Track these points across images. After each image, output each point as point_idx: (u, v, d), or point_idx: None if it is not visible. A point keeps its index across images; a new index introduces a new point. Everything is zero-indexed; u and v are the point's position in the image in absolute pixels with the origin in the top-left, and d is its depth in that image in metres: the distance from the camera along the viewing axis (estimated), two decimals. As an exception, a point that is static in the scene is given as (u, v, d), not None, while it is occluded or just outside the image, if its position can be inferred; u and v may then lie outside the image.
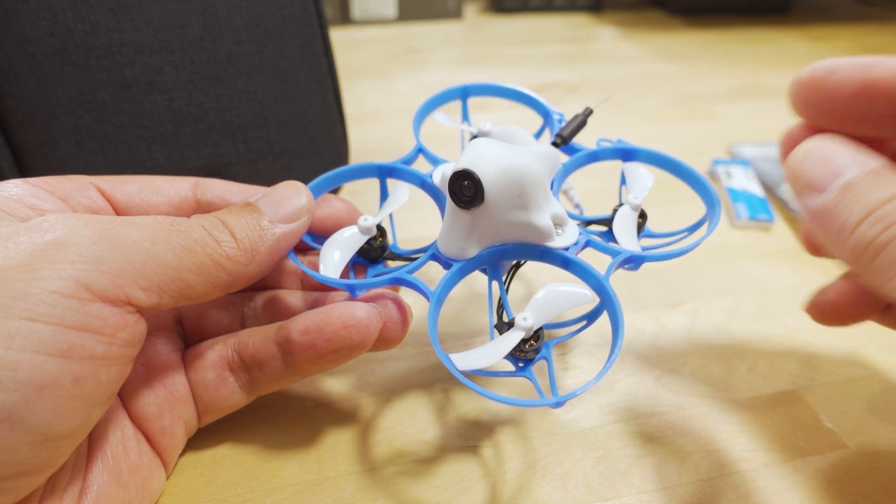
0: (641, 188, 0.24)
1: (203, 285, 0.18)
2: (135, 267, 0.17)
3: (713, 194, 0.23)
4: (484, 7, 0.88)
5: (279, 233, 0.20)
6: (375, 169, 0.25)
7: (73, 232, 0.16)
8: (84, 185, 0.21)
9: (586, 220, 0.24)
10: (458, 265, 0.21)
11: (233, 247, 0.19)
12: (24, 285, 0.15)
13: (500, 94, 0.28)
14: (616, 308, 0.19)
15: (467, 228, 0.20)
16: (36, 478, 0.16)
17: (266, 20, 0.31)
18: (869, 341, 0.29)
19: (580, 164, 0.24)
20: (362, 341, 0.20)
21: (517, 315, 0.19)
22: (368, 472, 0.23)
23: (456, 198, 0.20)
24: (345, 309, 0.20)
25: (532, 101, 0.27)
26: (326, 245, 0.22)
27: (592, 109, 0.25)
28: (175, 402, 0.21)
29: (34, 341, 0.15)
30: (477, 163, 0.19)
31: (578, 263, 0.21)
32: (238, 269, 0.19)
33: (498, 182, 0.19)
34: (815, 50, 0.70)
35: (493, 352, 0.19)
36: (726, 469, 0.23)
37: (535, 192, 0.20)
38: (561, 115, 0.27)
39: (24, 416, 0.15)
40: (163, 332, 0.22)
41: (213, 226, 0.19)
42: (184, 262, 0.18)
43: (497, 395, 0.18)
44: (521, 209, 0.20)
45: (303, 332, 0.20)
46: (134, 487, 0.19)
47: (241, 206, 0.20)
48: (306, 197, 0.22)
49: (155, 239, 0.17)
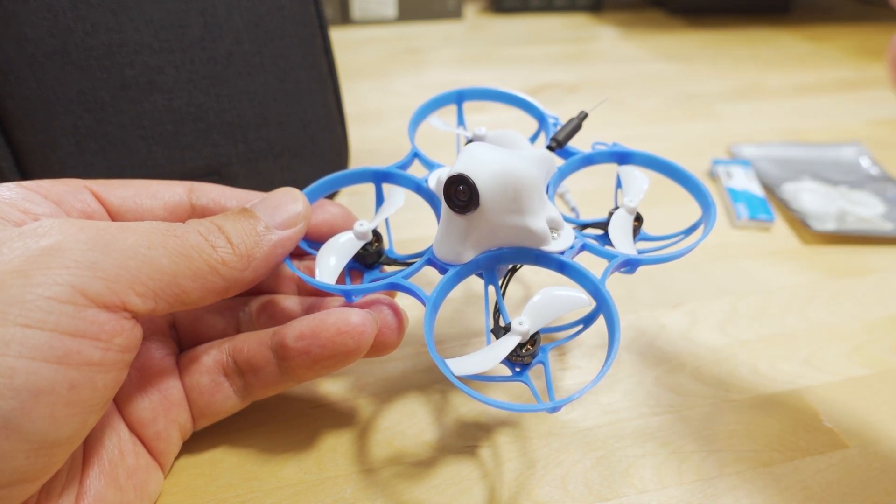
0: (637, 191, 0.24)
1: (199, 291, 0.18)
2: (130, 272, 0.17)
3: (709, 197, 0.23)
4: (484, 7, 0.88)
5: (275, 239, 0.20)
6: (371, 174, 0.25)
7: (68, 237, 0.16)
8: (78, 188, 0.21)
9: (582, 224, 0.24)
10: (453, 270, 0.21)
11: (229, 252, 0.19)
12: (19, 291, 0.15)
13: (495, 99, 0.28)
14: (612, 312, 0.19)
15: (463, 233, 0.20)
16: (31, 485, 0.16)
17: (266, 20, 0.31)
18: (869, 341, 0.29)
19: (575, 167, 0.24)
20: (357, 348, 0.20)
21: (513, 320, 0.19)
22: (368, 473, 0.23)
23: (451, 202, 0.20)
24: (340, 315, 0.20)
25: (527, 105, 0.27)
26: (322, 251, 0.22)
27: (587, 113, 0.25)
28: (170, 406, 0.21)
29: (30, 348, 0.15)
30: (472, 167, 0.19)
31: (574, 267, 0.21)
32: (234, 275, 0.19)
33: (493, 186, 0.19)
34: (815, 50, 0.70)
35: (490, 357, 0.19)
36: (726, 469, 0.23)
37: (531, 196, 0.20)
38: (556, 119, 0.27)
39: (20, 423, 0.15)
40: (157, 337, 0.22)
41: (209, 231, 0.19)
42: (180, 267, 0.18)
43: (493, 400, 0.18)
44: (517, 213, 0.20)
45: (298, 338, 0.20)
46: (132, 490, 0.19)
47: (238, 212, 0.20)
48: (303, 203, 0.21)
49: (151, 244, 0.17)
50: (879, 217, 0.38)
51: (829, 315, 0.31)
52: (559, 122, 0.26)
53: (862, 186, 0.41)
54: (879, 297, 0.32)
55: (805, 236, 0.37)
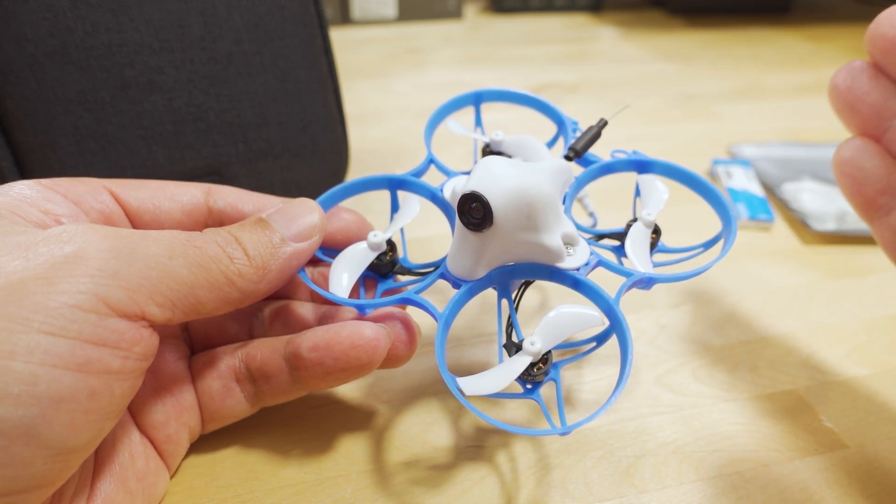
0: (657, 202, 0.24)
1: (214, 302, 0.18)
2: (151, 283, 0.17)
3: (730, 211, 0.22)
4: (484, 7, 0.88)
5: (290, 251, 0.20)
6: (386, 181, 0.25)
7: (91, 245, 0.16)
8: (97, 188, 0.21)
9: (599, 234, 0.24)
10: (466, 286, 0.21)
11: (245, 264, 0.19)
12: (43, 298, 0.15)
13: (514, 101, 0.28)
14: (625, 332, 0.19)
15: (477, 249, 0.20)
16: (46, 490, 0.16)
17: (266, 20, 0.31)
18: (869, 341, 0.29)
19: (594, 176, 0.24)
20: (370, 361, 0.20)
21: (525, 339, 0.19)
22: (368, 473, 0.23)
23: (465, 219, 0.19)
24: (354, 328, 0.20)
25: (547, 108, 0.27)
26: (336, 262, 0.22)
27: (607, 121, 0.25)
28: (181, 410, 0.21)
29: (53, 355, 0.15)
30: (486, 185, 0.19)
31: (588, 285, 0.20)
32: (249, 287, 0.19)
33: (507, 205, 0.19)
34: (815, 50, 0.70)
35: (501, 377, 0.19)
36: (726, 469, 0.23)
37: (546, 213, 0.19)
38: (575, 124, 0.26)
39: (40, 430, 0.15)
40: (170, 340, 0.22)
41: (227, 242, 0.19)
42: (198, 278, 0.18)
43: (504, 423, 0.18)
44: (532, 231, 0.19)
45: (312, 349, 0.20)
46: (140, 493, 0.20)
47: (254, 223, 0.20)
48: (318, 215, 0.21)
49: (172, 254, 0.17)
50: (879, 217, 0.38)
51: (829, 315, 0.31)
52: (578, 128, 0.26)
53: (862, 186, 0.41)
54: (879, 297, 0.32)
55: (805, 236, 0.37)
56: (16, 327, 0.14)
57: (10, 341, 0.14)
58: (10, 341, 0.14)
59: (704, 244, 0.24)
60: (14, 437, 0.14)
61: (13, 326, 0.14)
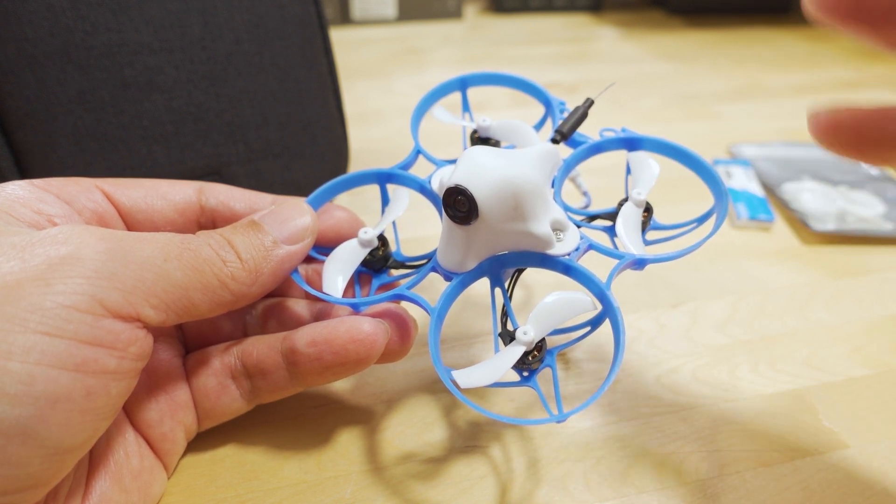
0: (648, 179, 0.23)
1: (207, 304, 0.19)
2: (146, 284, 0.17)
3: (721, 184, 0.22)
4: (484, 7, 0.88)
5: (283, 254, 0.20)
6: (374, 176, 0.24)
7: (87, 246, 0.16)
8: (89, 188, 0.21)
9: (590, 215, 0.24)
10: (458, 278, 0.21)
11: (238, 267, 0.19)
12: (39, 299, 0.15)
13: (500, 83, 0.27)
14: (617, 317, 0.19)
15: (465, 242, 0.20)
16: (41, 490, 0.16)
17: (266, 20, 0.31)
18: (869, 341, 0.29)
19: (583, 157, 0.24)
20: (368, 356, 0.20)
21: (518, 329, 0.19)
22: (368, 473, 0.23)
23: (451, 213, 0.19)
24: (352, 323, 0.20)
25: (533, 89, 0.27)
26: (329, 261, 0.22)
27: (593, 100, 0.24)
28: (176, 408, 0.21)
29: (49, 355, 0.15)
30: (470, 177, 0.19)
31: (580, 270, 0.20)
32: (241, 290, 0.19)
33: (493, 196, 0.19)
34: (815, 50, 0.70)
35: (496, 368, 0.19)
36: (726, 469, 0.23)
37: (533, 202, 0.19)
38: (563, 104, 0.26)
39: (37, 430, 0.15)
40: (164, 339, 0.22)
41: (220, 245, 0.19)
42: (192, 280, 0.18)
43: (500, 415, 0.18)
44: (519, 220, 0.19)
45: (310, 344, 0.20)
46: (136, 492, 0.20)
47: (246, 225, 0.21)
48: (310, 217, 0.22)
49: (167, 256, 0.18)
50: (879, 217, 0.38)
51: (829, 315, 0.31)
52: (566, 108, 0.26)
53: (862, 186, 0.41)
54: (879, 297, 0.32)
55: (805, 236, 0.37)
56: (12, 327, 0.14)
57: (7, 341, 0.14)
58: (7, 341, 0.14)
59: (698, 219, 0.23)
60: (11, 437, 0.14)
61: (10, 327, 0.14)
